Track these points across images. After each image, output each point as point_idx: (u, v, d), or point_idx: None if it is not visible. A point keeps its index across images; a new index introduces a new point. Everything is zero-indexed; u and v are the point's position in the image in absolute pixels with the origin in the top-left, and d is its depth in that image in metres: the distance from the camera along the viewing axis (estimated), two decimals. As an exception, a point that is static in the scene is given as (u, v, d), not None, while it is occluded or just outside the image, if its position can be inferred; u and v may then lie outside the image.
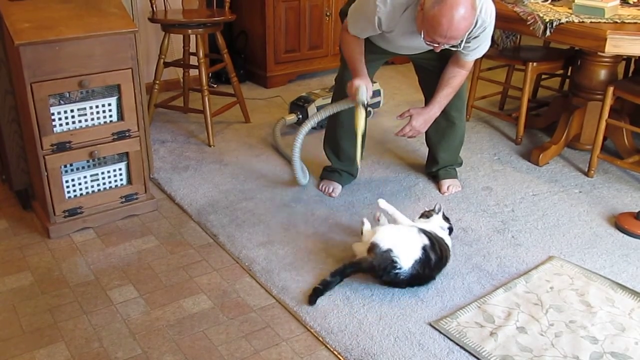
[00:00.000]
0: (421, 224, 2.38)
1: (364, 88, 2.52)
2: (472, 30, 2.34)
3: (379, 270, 2.19)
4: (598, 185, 3.09)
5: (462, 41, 2.30)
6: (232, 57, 3.68)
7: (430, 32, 2.21)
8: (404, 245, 2.21)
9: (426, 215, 2.45)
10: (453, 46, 2.33)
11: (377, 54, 2.69)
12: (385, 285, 2.24)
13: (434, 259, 2.23)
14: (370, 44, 2.60)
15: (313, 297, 2.18)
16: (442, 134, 2.92)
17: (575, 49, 3.54)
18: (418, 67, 2.85)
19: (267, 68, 4.41)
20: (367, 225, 2.42)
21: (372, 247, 2.22)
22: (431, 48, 2.36)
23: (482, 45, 2.48)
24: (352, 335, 2.02)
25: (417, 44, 2.42)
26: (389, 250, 2.18)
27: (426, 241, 2.24)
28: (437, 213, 2.44)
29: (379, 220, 2.49)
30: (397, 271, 2.17)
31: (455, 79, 2.61)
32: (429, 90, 2.81)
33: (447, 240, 2.36)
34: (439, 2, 2.13)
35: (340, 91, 2.81)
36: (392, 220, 2.44)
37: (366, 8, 2.38)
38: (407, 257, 2.19)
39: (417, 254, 2.20)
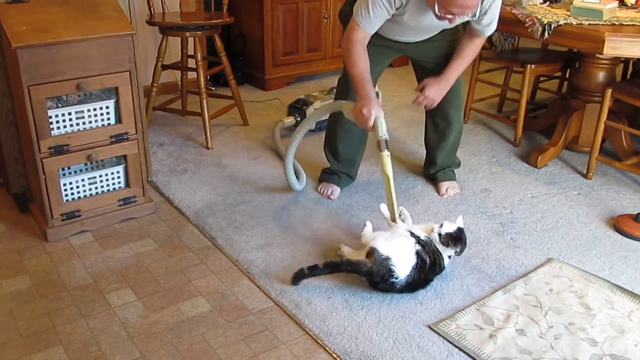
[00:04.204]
0: (415, 228, 2.35)
1: (383, 121, 2.38)
2: (482, 4, 2.34)
3: (376, 276, 2.18)
4: (597, 187, 3.09)
5: (475, 13, 2.30)
6: (230, 59, 3.68)
7: (445, 4, 2.20)
8: (401, 254, 2.20)
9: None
10: (468, 22, 2.34)
11: (381, 54, 2.66)
12: (379, 291, 2.23)
13: (429, 262, 2.23)
14: (376, 35, 2.52)
15: (296, 278, 2.26)
16: (440, 134, 2.92)
17: (573, 51, 3.54)
18: (417, 67, 2.83)
19: (265, 71, 4.41)
20: (368, 228, 2.41)
21: (371, 252, 2.21)
22: (439, 30, 2.32)
23: (494, 21, 2.47)
24: (351, 338, 2.02)
25: (427, 24, 2.41)
26: (388, 259, 2.17)
27: (417, 246, 2.24)
28: (443, 245, 2.30)
29: (400, 215, 2.47)
30: (393, 280, 2.17)
31: (469, 49, 2.60)
32: None
33: (442, 250, 2.33)
34: None
35: (343, 92, 2.79)
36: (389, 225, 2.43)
37: None
38: (403, 265, 2.18)
39: (413, 261, 2.20)
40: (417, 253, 2.21)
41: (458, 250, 2.32)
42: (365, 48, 2.47)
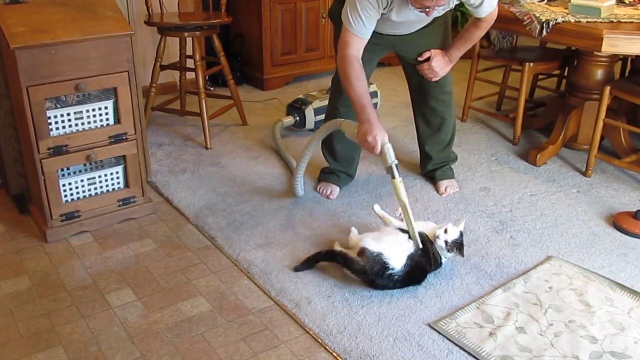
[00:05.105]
0: (419, 225, 2.36)
1: (390, 146, 2.28)
2: None
3: (371, 274, 2.18)
4: (596, 184, 3.09)
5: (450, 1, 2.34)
6: (228, 59, 3.68)
7: None
8: (392, 247, 2.21)
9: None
10: (462, 8, 2.38)
11: (371, 52, 2.65)
12: (378, 289, 2.23)
13: (422, 253, 2.25)
14: None
15: (303, 268, 2.34)
16: (434, 129, 2.92)
17: (571, 49, 3.54)
18: (407, 65, 2.82)
19: (263, 70, 4.41)
20: (354, 232, 2.43)
21: (362, 251, 2.22)
22: (427, 22, 2.36)
23: (484, 1, 2.44)
24: (351, 337, 2.02)
25: (412, 17, 2.43)
26: (380, 254, 2.19)
27: (409, 241, 2.27)
28: (449, 252, 2.31)
29: (399, 215, 2.48)
30: (390, 272, 2.18)
31: (471, 31, 2.62)
32: (420, 97, 2.83)
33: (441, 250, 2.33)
34: None
35: (337, 93, 2.80)
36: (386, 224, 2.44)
37: None
38: (397, 257, 2.20)
39: (406, 252, 2.22)
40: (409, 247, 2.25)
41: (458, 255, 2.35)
42: (361, 64, 2.41)
